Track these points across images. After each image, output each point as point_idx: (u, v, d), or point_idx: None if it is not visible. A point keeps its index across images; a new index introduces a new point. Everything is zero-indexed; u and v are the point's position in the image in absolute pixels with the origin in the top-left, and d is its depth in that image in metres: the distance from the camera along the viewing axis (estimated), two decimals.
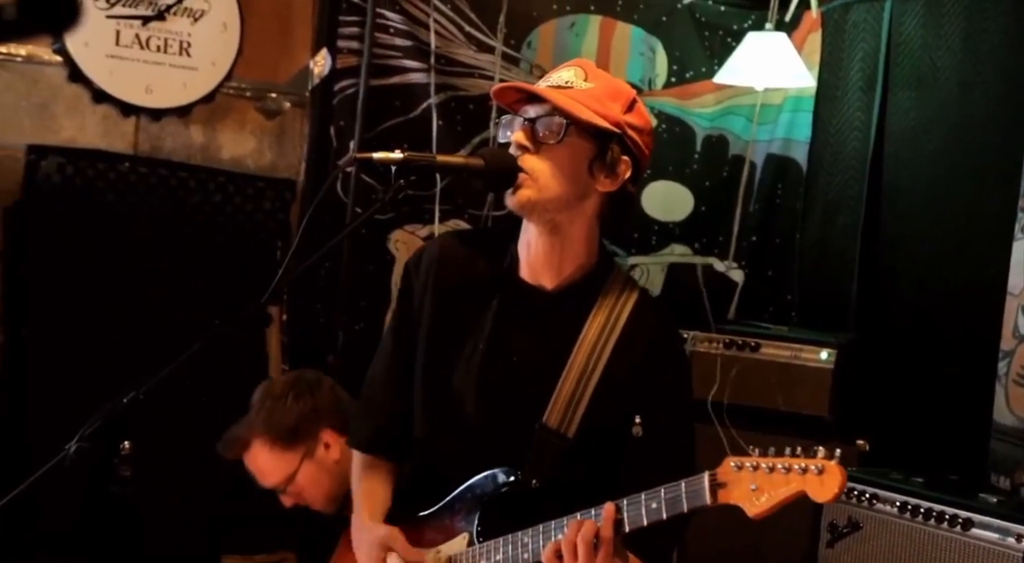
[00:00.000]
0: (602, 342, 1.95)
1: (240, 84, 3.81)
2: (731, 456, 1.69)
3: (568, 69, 1.97)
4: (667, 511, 1.73)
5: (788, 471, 1.64)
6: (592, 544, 1.78)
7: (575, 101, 1.91)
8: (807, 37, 4.07)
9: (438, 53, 3.93)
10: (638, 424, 1.90)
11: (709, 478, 1.69)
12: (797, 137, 4.14)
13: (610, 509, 1.78)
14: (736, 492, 1.67)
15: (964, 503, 2.90)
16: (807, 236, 4.11)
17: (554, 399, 1.93)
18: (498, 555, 1.93)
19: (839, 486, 1.61)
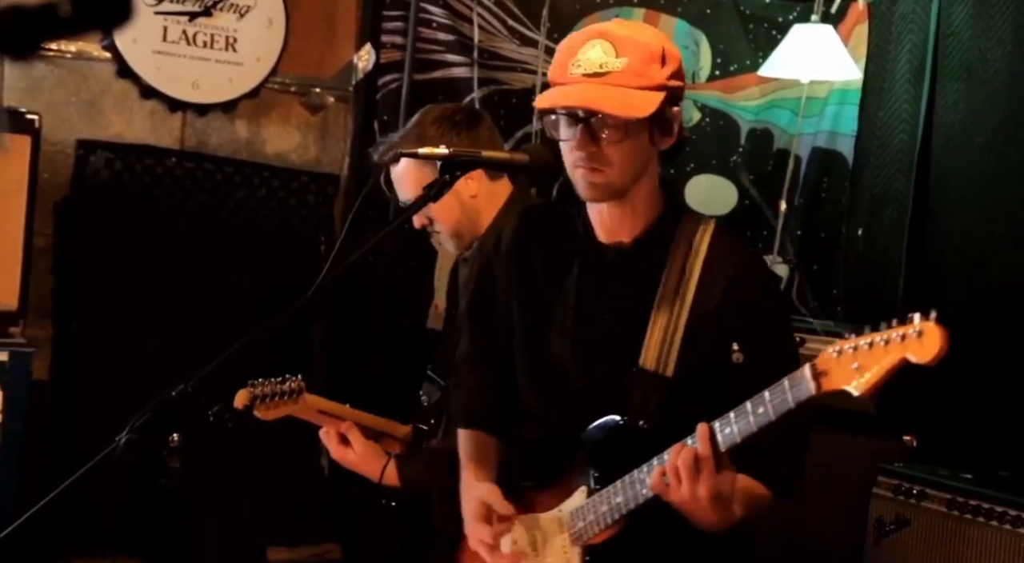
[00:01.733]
0: (685, 279, 1.99)
1: (285, 79, 3.83)
2: (827, 347, 1.69)
3: (594, 46, 1.92)
4: (774, 412, 1.73)
5: (887, 343, 1.63)
6: (692, 466, 1.79)
7: (624, 91, 1.89)
8: (853, 29, 4.02)
9: (481, 47, 3.93)
10: (736, 351, 1.91)
11: (810, 369, 1.69)
12: (843, 130, 4.10)
13: (704, 429, 1.80)
14: (838, 376, 1.67)
15: (1014, 500, 2.87)
16: (853, 230, 4.07)
17: (647, 342, 1.97)
18: (617, 497, 1.95)
19: (940, 343, 1.61)
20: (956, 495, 2.96)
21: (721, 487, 1.80)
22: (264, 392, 2.35)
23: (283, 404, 2.40)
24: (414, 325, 3.96)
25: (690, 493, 1.80)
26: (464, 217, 2.58)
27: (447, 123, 2.57)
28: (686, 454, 1.80)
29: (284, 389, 2.38)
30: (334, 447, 2.58)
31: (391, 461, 2.54)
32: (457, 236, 2.62)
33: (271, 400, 2.36)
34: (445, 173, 1.96)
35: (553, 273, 2.09)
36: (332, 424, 2.55)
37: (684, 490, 1.80)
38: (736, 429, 1.77)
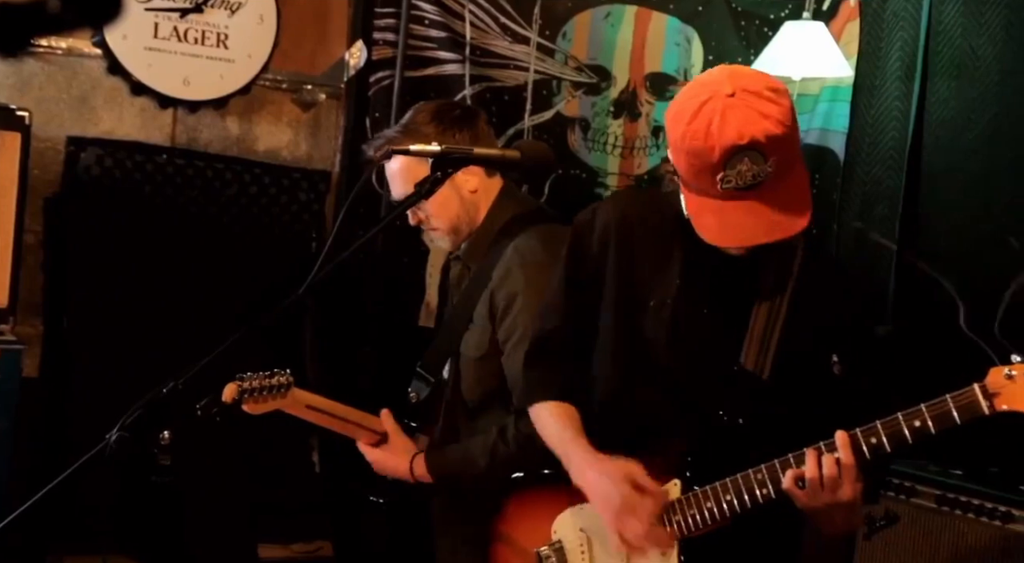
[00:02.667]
0: (782, 285, 2.03)
1: (276, 76, 3.82)
2: (997, 367, 1.74)
3: (741, 159, 1.85)
4: (935, 426, 1.81)
5: None
6: (835, 475, 1.84)
7: (787, 208, 1.90)
8: (845, 26, 4.03)
9: (473, 44, 3.93)
10: (836, 363, 1.97)
11: (981, 389, 1.76)
12: (834, 127, 4.10)
13: (844, 438, 1.85)
14: (1018, 399, 1.73)
15: (1003, 495, 2.88)
16: (844, 227, 4.07)
17: (747, 342, 2.00)
18: (727, 496, 1.97)
19: None
20: (946, 491, 2.97)
21: (857, 497, 1.86)
22: (252, 386, 2.34)
23: (271, 399, 2.39)
24: (405, 323, 3.96)
25: (831, 499, 1.84)
26: (463, 212, 2.58)
27: (444, 120, 2.56)
28: (829, 462, 1.84)
29: (272, 383, 2.38)
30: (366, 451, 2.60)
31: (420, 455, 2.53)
32: (454, 232, 2.61)
33: (259, 394, 2.36)
34: (437, 170, 1.96)
35: (655, 257, 2.10)
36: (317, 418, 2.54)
37: (824, 497, 1.84)
38: (885, 439, 1.83)
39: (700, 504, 1.99)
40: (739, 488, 1.95)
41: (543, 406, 2.20)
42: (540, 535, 2.20)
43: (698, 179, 1.92)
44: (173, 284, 3.60)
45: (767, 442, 1.91)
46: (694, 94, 1.90)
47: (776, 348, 1.99)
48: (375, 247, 3.84)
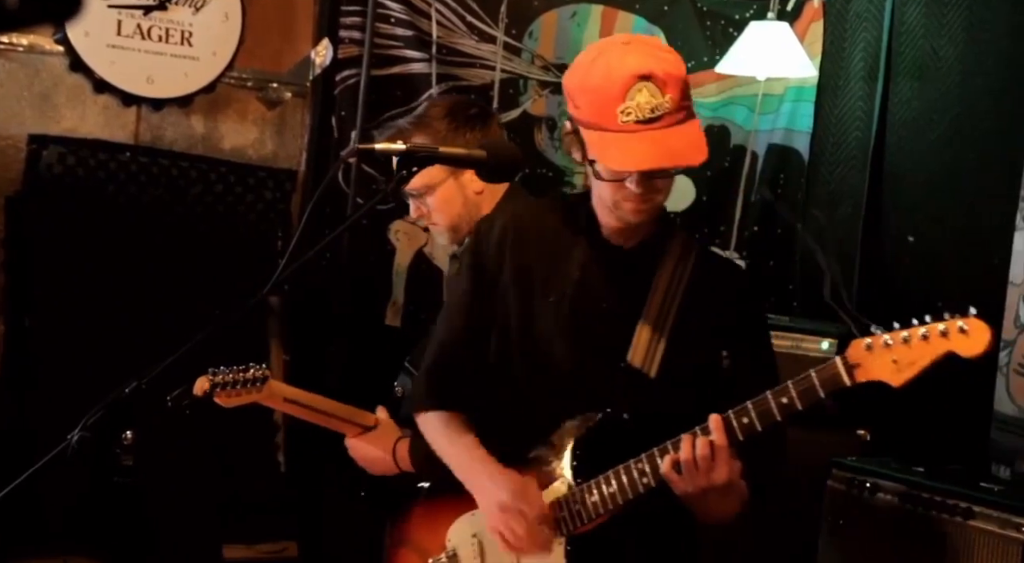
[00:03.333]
0: (675, 283, 2.07)
1: (241, 74, 3.80)
2: (857, 339, 1.76)
3: (640, 90, 1.92)
4: (801, 402, 1.83)
5: (927, 338, 1.71)
6: (709, 456, 1.87)
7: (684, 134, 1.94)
8: (809, 27, 4.06)
9: (439, 43, 3.93)
10: (726, 357, 2.00)
11: (842, 361, 1.79)
12: (799, 127, 4.13)
13: (717, 420, 1.88)
14: (875, 369, 1.76)
15: (965, 492, 2.91)
16: (809, 227, 4.10)
17: (636, 337, 2.03)
18: (611, 488, 1.99)
19: (988, 339, 1.69)
20: (908, 488, 3.00)
21: (734, 477, 1.88)
22: (225, 380, 2.33)
23: (245, 392, 2.38)
24: (372, 322, 3.95)
25: (706, 482, 1.87)
26: (465, 211, 2.58)
27: (457, 117, 2.55)
28: (702, 444, 1.87)
29: (247, 377, 2.36)
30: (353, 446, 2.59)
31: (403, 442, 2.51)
32: (453, 230, 2.60)
33: (232, 388, 2.34)
34: (403, 168, 1.95)
35: (553, 255, 2.13)
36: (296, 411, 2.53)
37: (700, 480, 1.86)
38: (756, 418, 1.85)
39: (584, 499, 2.01)
40: (620, 479, 1.98)
41: (432, 415, 2.22)
42: (439, 543, 2.22)
43: (600, 115, 1.95)
44: (137, 284, 3.58)
45: (654, 437, 1.94)
46: (591, 48, 2.03)
47: (666, 346, 2.03)
48: (341, 246, 3.83)
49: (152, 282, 3.60)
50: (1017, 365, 3.27)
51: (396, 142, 2.50)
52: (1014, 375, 3.28)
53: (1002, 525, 2.79)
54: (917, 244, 3.69)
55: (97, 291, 3.53)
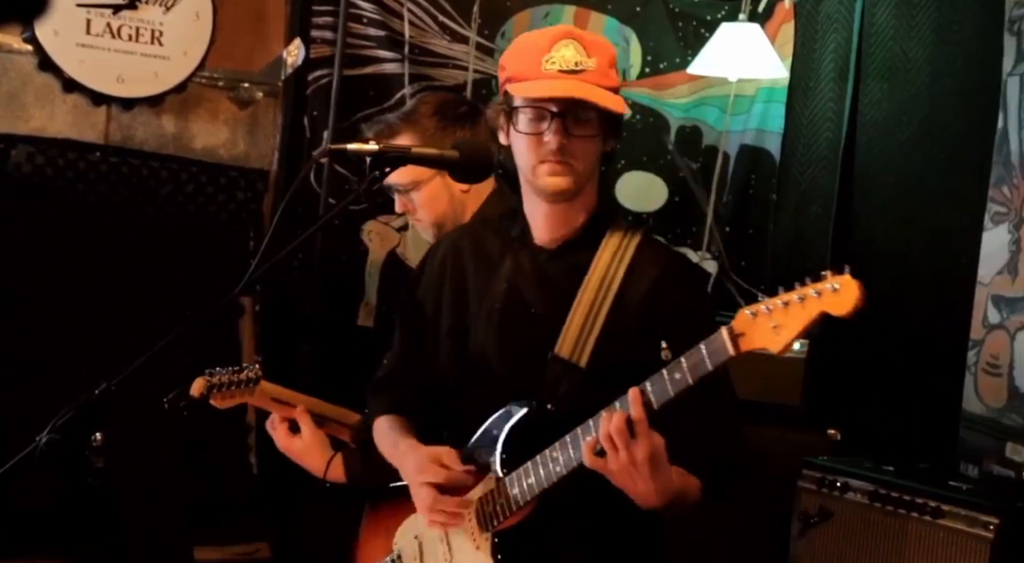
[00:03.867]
0: (610, 276, 2.03)
1: (213, 74, 3.79)
2: (743, 308, 1.72)
3: (567, 45, 1.98)
4: (691, 375, 1.77)
5: (803, 300, 1.67)
6: (626, 432, 1.81)
7: (603, 91, 1.96)
8: (780, 28, 4.08)
9: (412, 43, 3.93)
10: (666, 348, 1.93)
11: (727, 331, 1.73)
12: (770, 128, 4.15)
13: (634, 392, 1.82)
14: (757, 337, 1.71)
15: (934, 491, 2.93)
16: (780, 227, 4.13)
17: (564, 330, 2.01)
18: (528, 479, 1.96)
19: (857, 295, 1.64)
20: (878, 487, 3.02)
21: (658, 451, 1.82)
22: (221, 381, 2.34)
23: (239, 393, 2.39)
24: (345, 322, 3.95)
25: (628, 458, 1.81)
26: (450, 209, 2.57)
27: (446, 115, 2.54)
28: (618, 418, 1.81)
29: (241, 378, 2.38)
30: (281, 436, 2.55)
31: (338, 455, 2.51)
32: (438, 226, 2.60)
33: (227, 389, 2.35)
34: (375, 169, 1.95)
35: (483, 272, 2.13)
36: (283, 411, 2.53)
37: (622, 456, 1.81)
38: (653, 395, 1.81)
39: (507, 491, 2.00)
40: (537, 469, 1.95)
41: (379, 419, 2.25)
42: (384, 549, 2.24)
43: (525, 65, 1.98)
44: (107, 284, 3.55)
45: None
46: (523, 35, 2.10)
47: (597, 337, 2.00)
48: (314, 246, 3.82)
49: (123, 283, 3.58)
50: (985, 365, 3.30)
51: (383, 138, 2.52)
52: (982, 374, 3.31)
53: (970, 524, 2.82)
54: (887, 244, 3.72)
55: (67, 292, 3.50)
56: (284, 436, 2.55)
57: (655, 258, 2.07)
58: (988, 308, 3.31)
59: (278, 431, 2.56)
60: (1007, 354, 3.22)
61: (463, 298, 2.15)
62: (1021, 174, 3.22)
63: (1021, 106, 3.23)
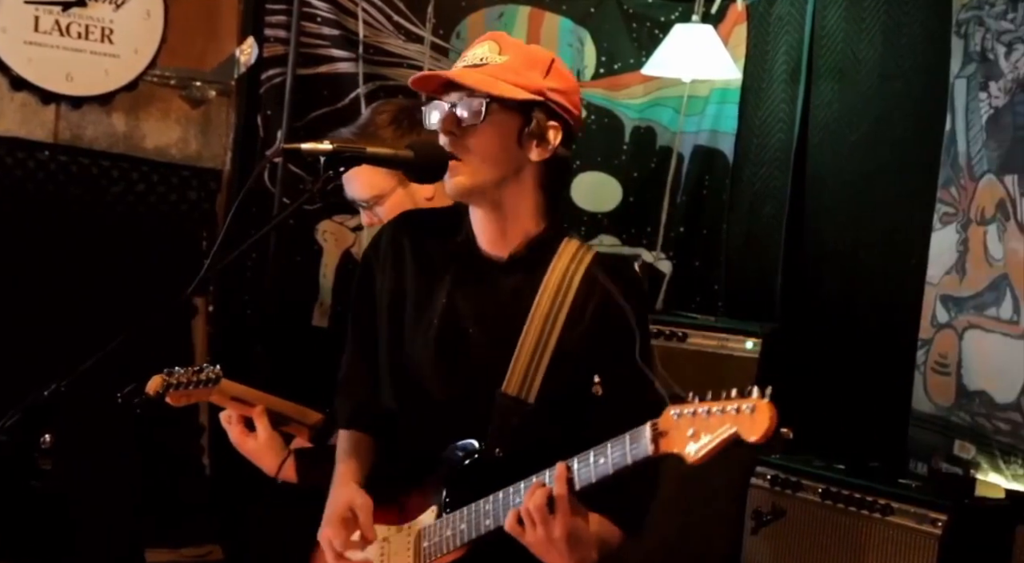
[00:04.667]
0: (556, 307, 1.96)
1: (164, 72, 3.75)
2: (672, 405, 1.69)
3: (482, 45, 1.95)
4: (613, 466, 1.74)
5: (722, 413, 1.63)
6: (546, 508, 1.78)
7: (491, 77, 1.90)
8: (733, 29, 4.11)
9: (366, 42, 3.91)
10: (597, 383, 1.90)
11: (651, 428, 1.69)
12: (723, 129, 4.18)
13: (561, 468, 1.78)
14: (676, 440, 1.66)
15: (884, 489, 2.97)
16: (733, 227, 4.16)
17: (512, 366, 1.94)
18: (462, 524, 1.94)
19: (769, 423, 1.59)
20: (830, 485, 3.05)
21: (577, 528, 1.79)
22: (179, 380, 2.31)
23: (196, 392, 2.37)
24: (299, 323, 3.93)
25: (545, 535, 1.77)
26: None
27: (403, 124, 2.51)
28: (540, 496, 1.78)
29: (200, 378, 2.34)
30: (236, 433, 2.53)
31: (291, 456, 2.50)
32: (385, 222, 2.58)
33: (185, 388, 2.33)
34: (329, 169, 1.94)
35: (425, 275, 2.05)
36: (242, 409, 2.51)
37: (539, 531, 1.78)
38: (578, 476, 1.77)
39: (442, 532, 1.97)
40: (470, 517, 1.92)
41: (342, 435, 2.18)
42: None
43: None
44: (57, 285, 3.51)
45: (527, 471, 1.85)
46: None
47: (544, 373, 1.92)
48: (268, 246, 3.80)
49: (73, 283, 3.54)
50: (934, 364, 3.35)
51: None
52: (931, 373, 3.35)
53: (919, 520, 2.85)
54: (838, 244, 3.76)
55: (15, 292, 3.46)
56: (239, 433, 2.53)
57: (602, 285, 1.97)
58: (937, 308, 3.36)
59: (233, 428, 2.54)
60: (955, 353, 3.27)
61: (401, 306, 2.07)
62: (968, 175, 3.27)
63: (968, 108, 3.28)
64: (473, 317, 2.00)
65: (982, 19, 3.24)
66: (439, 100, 1.95)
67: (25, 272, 3.48)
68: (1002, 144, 3.15)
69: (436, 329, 2.00)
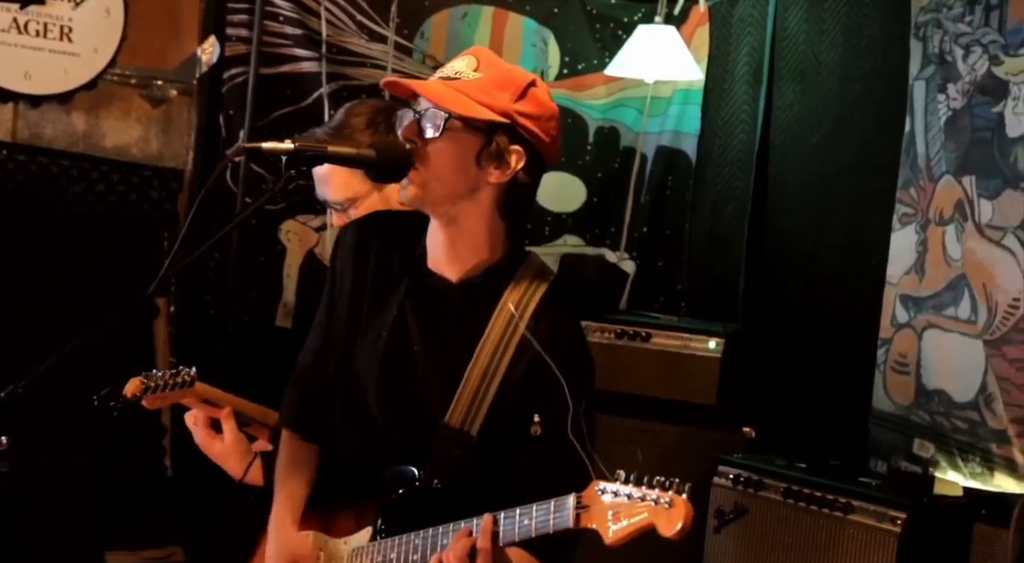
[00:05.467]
0: (506, 340, 1.92)
1: (124, 71, 3.73)
2: (597, 480, 1.69)
3: (462, 58, 1.93)
4: (536, 529, 1.74)
5: (643, 500, 1.64)
6: (467, 559, 1.78)
7: (457, 93, 1.87)
8: (695, 31, 4.13)
9: (329, 42, 3.90)
10: (536, 423, 1.87)
11: (575, 500, 1.69)
12: (686, 129, 4.20)
13: (488, 521, 1.78)
14: (597, 516, 1.67)
15: (844, 487, 2.99)
16: (696, 227, 4.18)
17: (457, 397, 1.91)
18: (392, 553, 1.93)
19: (683, 521, 1.61)
20: (791, 484, 3.07)
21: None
22: (157, 383, 2.30)
23: (172, 395, 2.36)
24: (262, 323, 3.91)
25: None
26: None
27: (379, 126, 2.49)
28: (463, 546, 1.78)
29: (177, 381, 2.33)
30: (202, 435, 2.51)
31: (258, 458, 2.48)
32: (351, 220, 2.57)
33: (162, 391, 2.32)
34: (291, 168, 1.93)
35: (381, 285, 2.01)
36: (211, 412, 2.50)
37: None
38: (504, 532, 1.77)
39: (373, 557, 1.97)
40: (400, 548, 1.93)
41: (285, 437, 2.15)
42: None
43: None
44: (16, 285, 3.48)
45: (464, 503, 1.85)
46: None
47: (489, 407, 1.90)
48: (230, 246, 3.78)
49: (32, 284, 3.51)
50: (894, 363, 3.38)
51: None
52: (891, 372, 3.39)
53: (879, 519, 2.88)
54: (799, 244, 3.78)
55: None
56: (206, 436, 2.52)
57: (549, 323, 1.93)
58: (896, 307, 3.39)
59: (199, 429, 2.52)
60: (914, 352, 3.30)
61: (357, 314, 2.03)
62: (927, 176, 3.30)
63: (927, 109, 3.32)
64: (421, 337, 1.96)
65: (940, 22, 3.28)
66: (411, 107, 1.92)
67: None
68: (960, 145, 3.18)
69: (384, 342, 1.97)
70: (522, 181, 1.92)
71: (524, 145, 1.90)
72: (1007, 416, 2.98)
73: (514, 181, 1.91)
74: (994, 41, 3.10)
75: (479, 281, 1.95)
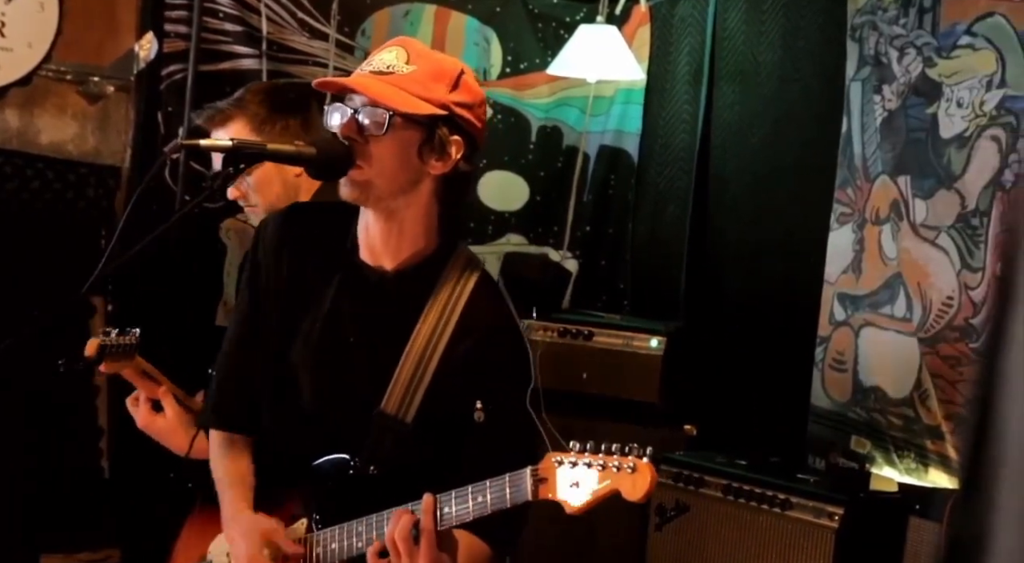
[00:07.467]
0: (440, 326, 1.93)
1: (60, 67, 3.67)
2: (552, 452, 1.70)
3: (390, 51, 1.92)
4: (492, 506, 1.75)
5: (604, 468, 1.66)
6: (411, 539, 1.77)
7: (396, 89, 1.87)
8: (637, 31, 4.15)
9: (270, 39, 3.87)
10: (479, 409, 1.88)
11: (531, 474, 1.70)
12: (628, 129, 4.22)
13: (428, 500, 1.78)
14: (555, 487, 1.69)
15: (783, 484, 3.03)
16: (639, 226, 4.20)
17: (392, 384, 1.92)
18: (333, 544, 1.93)
19: (649, 484, 1.63)
20: (732, 481, 3.11)
21: (442, 561, 1.79)
22: (112, 342, 2.33)
23: (122, 358, 2.38)
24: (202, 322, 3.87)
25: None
26: (283, 193, 2.50)
27: (275, 104, 2.48)
28: (404, 524, 1.77)
29: (125, 342, 2.36)
30: (143, 413, 2.50)
31: (201, 432, 2.46)
32: (271, 212, 2.55)
33: (116, 352, 2.34)
34: (228, 165, 1.91)
35: (313, 276, 2.00)
36: (150, 387, 2.48)
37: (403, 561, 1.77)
38: (454, 511, 1.77)
39: (312, 548, 1.96)
40: (342, 538, 1.91)
41: (214, 435, 2.13)
42: (201, 552, 2.17)
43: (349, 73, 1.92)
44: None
45: (402, 490, 1.84)
46: None
47: (424, 393, 1.91)
48: (169, 244, 3.73)
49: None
50: (832, 361, 3.42)
51: (214, 125, 2.48)
52: (829, 370, 3.43)
53: (816, 514, 2.92)
54: (740, 244, 3.82)
55: None
56: (146, 414, 2.50)
57: (485, 310, 1.96)
58: (834, 306, 3.43)
59: (141, 409, 2.51)
60: (851, 350, 3.34)
61: (289, 304, 2.01)
62: (864, 176, 3.35)
63: (863, 110, 3.36)
64: (355, 327, 1.96)
65: (876, 24, 3.33)
66: (342, 103, 1.91)
67: None
68: (895, 146, 3.23)
69: (317, 334, 1.97)
70: (463, 169, 1.94)
71: (462, 134, 1.92)
72: (941, 412, 3.03)
73: (455, 170, 1.93)
74: (927, 43, 3.15)
75: (414, 270, 1.96)
